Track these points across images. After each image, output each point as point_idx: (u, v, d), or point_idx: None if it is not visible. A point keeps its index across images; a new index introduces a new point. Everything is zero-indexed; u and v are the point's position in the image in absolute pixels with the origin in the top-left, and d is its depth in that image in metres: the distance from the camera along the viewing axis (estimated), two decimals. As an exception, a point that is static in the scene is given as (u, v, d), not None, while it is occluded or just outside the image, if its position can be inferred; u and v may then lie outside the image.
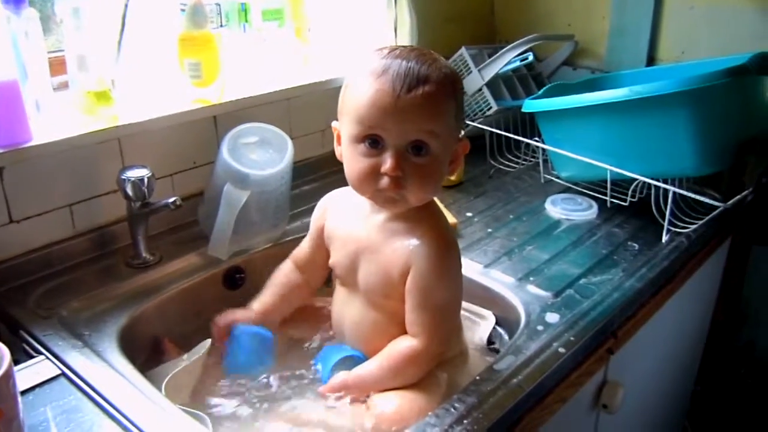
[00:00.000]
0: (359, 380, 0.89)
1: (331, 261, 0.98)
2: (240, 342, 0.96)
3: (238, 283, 1.15)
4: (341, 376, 0.90)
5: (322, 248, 1.01)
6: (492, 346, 1.05)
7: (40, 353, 0.89)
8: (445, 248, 0.88)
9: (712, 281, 1.56)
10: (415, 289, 0.87)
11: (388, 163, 0.82)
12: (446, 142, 0.85)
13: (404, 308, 0.89)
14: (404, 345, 0.89)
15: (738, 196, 1.22)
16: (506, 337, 1.06)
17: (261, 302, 1.03)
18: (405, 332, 0.90)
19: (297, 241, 1.21)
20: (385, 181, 0.83)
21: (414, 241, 0.87)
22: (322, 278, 1.06)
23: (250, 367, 0.95)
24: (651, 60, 1.64)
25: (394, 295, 0.89)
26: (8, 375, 0.62)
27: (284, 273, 1.05)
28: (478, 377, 0.87)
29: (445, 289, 0.88)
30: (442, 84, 0.82)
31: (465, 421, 0.79)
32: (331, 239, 0.98)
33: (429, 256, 0.86)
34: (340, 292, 0.99)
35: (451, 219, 1.26)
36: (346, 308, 0.97)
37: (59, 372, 0.85)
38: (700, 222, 1.23)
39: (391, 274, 0.89)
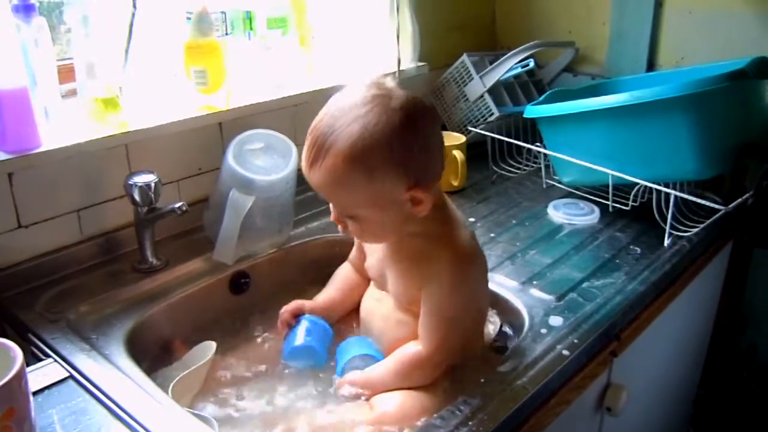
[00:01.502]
0: (367, 381, 0.91)
1: (365, 264, 1.01)
2: (307, 328, 0.99)
3: (244, 287, 1.16)
4: (352, 375, 0.92)
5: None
6: (497, 344, 1.05)
7: (49, 356, 0.90)
8: (458, 263, 0.88)
9: (714, 285, 1.56)
10: (428, 299, 0.89)
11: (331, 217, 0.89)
12: (377, 205, 0.84)
13: None
14: (411, 350, 0.90)
15: (739, 200, 1.23)
16: (510, 332, 1.06)
17: (326, 296, 1.07)
18: None
19: (301, 247, 1.23)
20: None
21: (430, 256, 0.88)
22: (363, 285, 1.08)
23: (309, 356, 0.98)
24: (651, 66, 1.65)
25: (417, 303, 0.91)
26: (20, 375, 0.63)
27: (344, 272, 1.10)
28: (483, 379, 0.87)
29: (455, 304, 0.88)
30: (342, 156, 0.79)
31: (470, 423, 0.79)
32: (364, 244, 1.02)
33: (441, 271, 0.87)
34: (372, 290, 1.02)
35: (454, 224, 1.27)
36: (376, 306, 1.00)
37: (67, 375, 0.86)
38: (702, 226, 1.24)
39: (411, 285, 0.91)
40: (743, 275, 1.64)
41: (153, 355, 1.01)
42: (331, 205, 0.88)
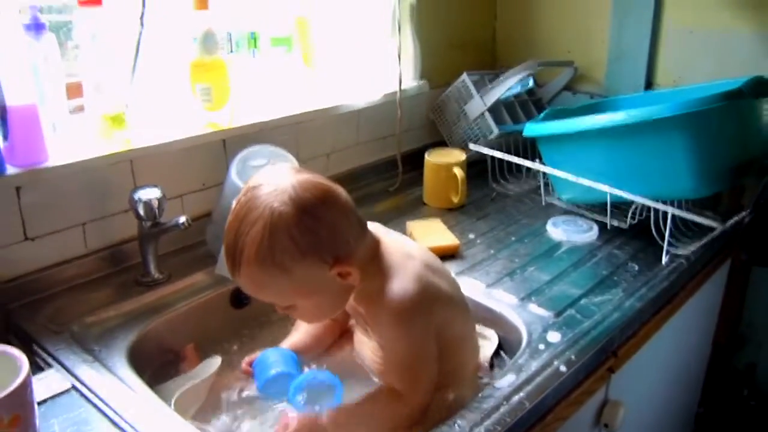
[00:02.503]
0: (334, 427, 0.87)
1: (346, 307, 1.01)
2: (264, 357, 0.98)
3: (245, 302, 1.17)
4: (312, 417, 0.88)
5: None
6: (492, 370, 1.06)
7: (52, 367, 0.91)
8: (395, 318, 0.87)
9: (713, 302, 1.57)
10: (384, 353, 0.91)
11: None
12: (307, 293, 0.85)
13: None
14: (383, 390, 0.91)
15: (736, 218, 1.24)
16: (508, 360, 1.07)
17: (293, 341, 1.04)
18: None
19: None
20: None
21: (373, 313, 0.90)
22: (348, 314, 1.06)
23: (280, 379, 0.96)
24: (649, 85, 1.67)
25: None
26: (26, 383, 0.64)
27: None
28: (480, 395, 0.88)
29: (409, 353, 0.88)
30: (253, 262, 0.80)
31: (467, 437, 0.80)
32: None
33: (383, 330, 0.89)
34: (357, 328, 1.03)
35: (453, 241, 1.29)
36: (363, 340, 1.00)
37: (71, 385, 0.87)
38: (699, 243, 1.25)
39: (375, 334, 0.93)
40: (741, 293, 1.65)
41: (155, 368, 1.03)
42: None
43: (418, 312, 0.87)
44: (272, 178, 0.82)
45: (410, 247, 0.96)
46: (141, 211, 1.07)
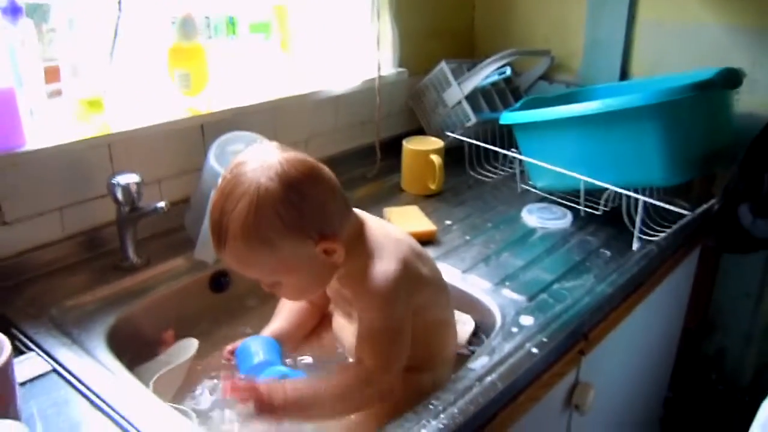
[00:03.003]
0: (295, 396, 0.85)
1: (327, 291, 1.01)
2: (246, 345, 0.98)
3: (224, 286, 1.18)
4: (274, 389, 0.85)
5: None
6: (471, 348, 1.08)
7: (32, 350, 0.92)
8: (378, 298, 0.87)
9: (683, 288, 1.61)
10: (359, 326, 0.90)
11: None
12: (292, 269, 0.85)
13: None
14: (351, 365, 0.91)
15: (705, 205, 1.27)
16: (484, 338, 1.09)
17: (274, 329, 1.04)
18: None
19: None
20: None
21: (357, 293, 0.90)
22: (328, 299, 1.07)
23: (263, 367, 0.96)
24: (624, 75, 1.69)
25: None
26: (8, 364, 0.65)
27: (290, 302, 1.08)
28: (454, 376, 0.91)
29: (389, 333, 0.88)
30: (239, 238, 0.80)
31: (441, 416, 0.82)
32: None
33: (365, 310, 0.89)
34: (336, 313, 1.04)
35: (430, 227, 1.31)
36: (346, 322, 1.01)
37: (50, 368, 0.88)
38: (669, 230, 1.28)
39: (355, 314, 0.94)
40: (711, 280, 1.69)
41: (134, 351, 1.03)
42: None
43: (400, 291, 0.88)
44: (259, 156, 0.83)
45: (393, 230, 0.98)
46: (119, 196, 1.08)
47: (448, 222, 1.38)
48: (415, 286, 0.91)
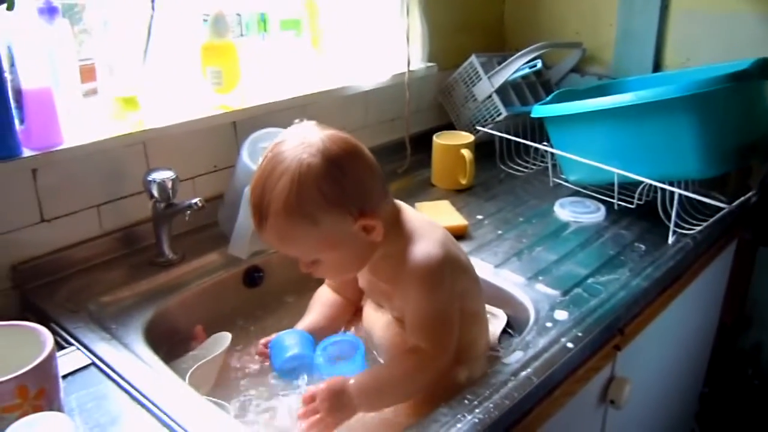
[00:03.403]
0: (361, 395, 0.86)
1: (359, 284, 1.03)
2: (280, 338, 1.00)
3: (257, 281, 1.19)
4: (339, 383, 0.86)
5: None
6: (501, 346, 1.08)
7: (71, 344, 0.94)
8: (420, 280, 0.88)
9: (719, 283, 1.58)
10: (408, 316, 0.90)
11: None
12: (332, 246, 0.86)
13: None
14: (408, 349, 0.90)
15: (742, 198, 1.25)
16: (516, 339, 1.08)
17: (308, 322, 1.05)
18: None
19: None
20: None
21: (398, 277, 0.90)
22: (361, 293, 1.08)
23: (296, 360, 0.97)
24: (657, 67, 1.67)
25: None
26: (51, 356, 0.66)
27: (324, 296, 1.09)
28: (489, 370, 0.90)
29: (433, 314, 0.88)
30: (281, 214, 0.81)
31: (476, 411, 0.82)
32: None
33: (408, 291, 0.89)
34: (369, 303, 1.04)
35: (461, 221, 1.30)
36: (377, 316, 1.01)
37: (89, 362, 0.89)
38: (706, 224, 1.26)
39: (396, 300, 0.94)
40: (747, 274, 1.66)
41: (170, 345, 1.05)
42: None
43: (445, 273, 0.88)
44: (299, 134, 0.84)
45: (428, 217, 0.98)
46: (155, 192, 1.09)
47: (480, 216, 1.37)
48: (456, 271, 0.92)
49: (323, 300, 1.08)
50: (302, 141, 0.82)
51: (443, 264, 0.88)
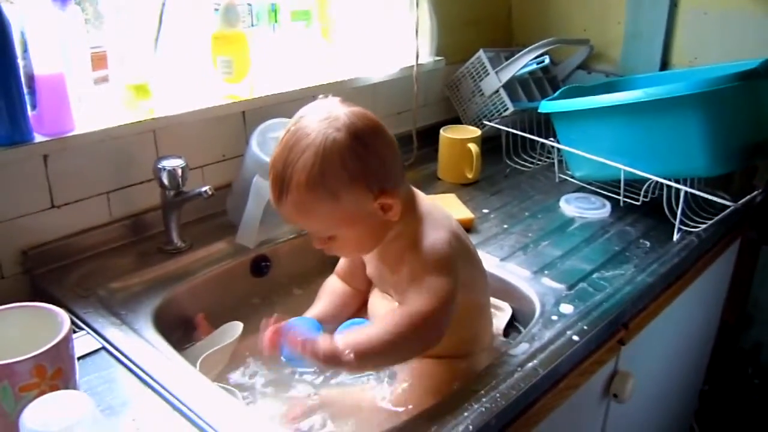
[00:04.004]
0: (356, 345, 0.81)
1: (367, 272, 1.03)
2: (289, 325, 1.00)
3: (265, 270, 1.20)
4: (330, 341, 0.82)
5: (358, 259, 1.05)
6: (507, 339, 1.09)
7: (82, 329, 0.94)
8: (429, 264, 0.86)
9: (722, 281, 1.59)
10: (410, 287, 0.87)
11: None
12: (350, 222, 0.86)
13: None
14: (404, 311, 0.85)
15: (747, 197, 1.26)
16: (521, 327, 1.10)
17: (317, 311, 1.05)
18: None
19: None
20: None
21: (407, 259, 0.89)
22: (369, 283, 1.08)
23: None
24: (664, 65, 1.67)
25: None
26: (67, 338, 0.67)
27: (333, 285, 1.10)
28: (495, 361, 0.91)
29: (439, 287, 0.86)
30: (303, 187, 0.81)
31: (483, 400, 0.83)
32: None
33: (416, 274, 0.87)
34: (376, 291, 1.05)
35: (468, 215, 1.31)
36: (383, 304, 1.02)
37: (100, 346, 0.90)
38: (711, 222, 1.26)
39: (402, 286, 0.93)
40: (750, 273, 1.67)
41: (178, 333, 1.05)
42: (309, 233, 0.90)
43: (455, 259, 0.88)
44: (324, 108, 0.84)
45: (441, 205, 0.99)
46: (165, 180, 1.09)
47: (485, 210, 1.38)
48: (464, 259, 0.92)
49: (332, 289, 1.09)
50: (327, 115, 0.82)
51: (454, 250, 0.89)
